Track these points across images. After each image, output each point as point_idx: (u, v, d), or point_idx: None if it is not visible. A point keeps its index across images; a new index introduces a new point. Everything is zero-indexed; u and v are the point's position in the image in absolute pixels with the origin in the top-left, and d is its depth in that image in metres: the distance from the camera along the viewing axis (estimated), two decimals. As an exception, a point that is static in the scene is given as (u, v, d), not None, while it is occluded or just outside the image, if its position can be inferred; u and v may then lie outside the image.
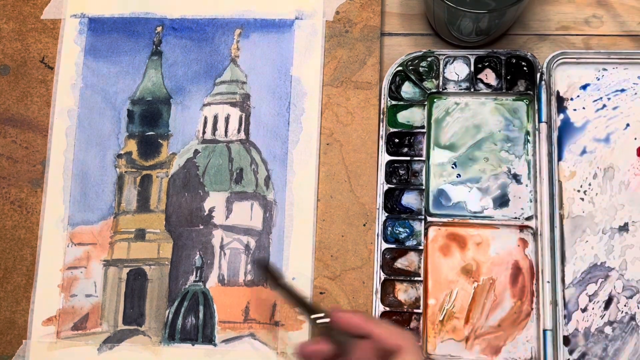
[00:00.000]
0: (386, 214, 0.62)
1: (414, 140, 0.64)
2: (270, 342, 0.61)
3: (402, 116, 0.64)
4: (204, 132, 0.65)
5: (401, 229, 0.62)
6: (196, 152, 0.64)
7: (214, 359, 0.61)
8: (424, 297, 0.61)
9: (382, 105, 0.64)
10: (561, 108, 0.64)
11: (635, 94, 0.63)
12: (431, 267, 0.62)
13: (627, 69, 0.64)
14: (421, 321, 0.60)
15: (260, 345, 0.61)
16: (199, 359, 0.61)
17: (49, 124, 0.66)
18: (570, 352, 0.59)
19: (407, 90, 0.65)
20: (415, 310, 0.61)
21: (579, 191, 0.62)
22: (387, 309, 0.61)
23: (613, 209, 0.62)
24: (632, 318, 0.60)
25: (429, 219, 0.62)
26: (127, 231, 0.64)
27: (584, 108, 0.64)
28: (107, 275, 0.63)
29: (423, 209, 0.62)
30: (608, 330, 0.60)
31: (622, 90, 0.64)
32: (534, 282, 0.61)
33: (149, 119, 0.65)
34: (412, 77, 0.64)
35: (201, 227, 0.63)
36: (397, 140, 0.64)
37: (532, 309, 0.61)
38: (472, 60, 0.64)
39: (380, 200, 0.62)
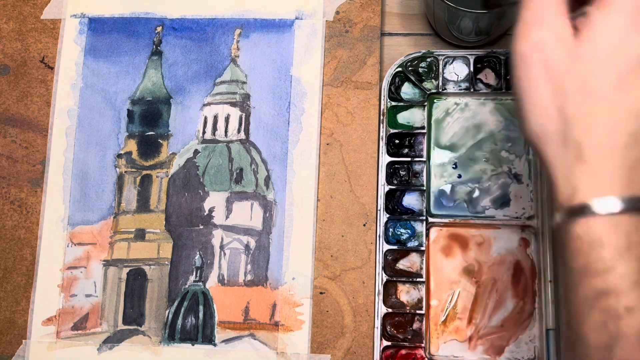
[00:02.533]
0: (387, 215, 0.62)
1: (414, 141, 0.64)
2: (270, 342, 0.60)
3: (402, 117, 0.64)
4: (204, 132, 0.65)
5: (403, 230, 0.62)
6: (196, 152, 0.64)
7: (214, 359, 0.60)
8: (426, 298, 0.61)
9: (381, 107, 0.64)
10: (561, 107, 0.63)
11: (636, 92, 0.63)
12: (433, 267, 0.62)
13: (627, 67, 0.64)
14: (424, 322, 0.60)
15: (260, 345, 0.60)
16: (199, 359, 0.60)
17: (49, 124, 0.66)
18: (574, 352, 0.59)
19: (407, 91, 0.65)
20: (418, 312, 0.60)
21: (580, 190, 0.62)
22: (390, 310, 0.60)
23: (615, 208, 0.61)
24: (636, 316, 0.59)
25: (430, 219, 0.62)
26: (127, 231, 0.63)
27: (584, 107, 0.63)
28: (107, 275, 0.63)
29: (424, 210, 0.62)
30: (611, 329, 0.59)
31: (623, 89, 0.63)
32: (536, 281, 0.60)
33: (149, 119, 0.65)
34: (412, 77, 0.64)
35: (201, 227, 0.63)
36: (397, 141, 0.64)
37: (534, 308, 0.60)
38: (472, 61, 0.64)
39: (381, 201, 0.62)
